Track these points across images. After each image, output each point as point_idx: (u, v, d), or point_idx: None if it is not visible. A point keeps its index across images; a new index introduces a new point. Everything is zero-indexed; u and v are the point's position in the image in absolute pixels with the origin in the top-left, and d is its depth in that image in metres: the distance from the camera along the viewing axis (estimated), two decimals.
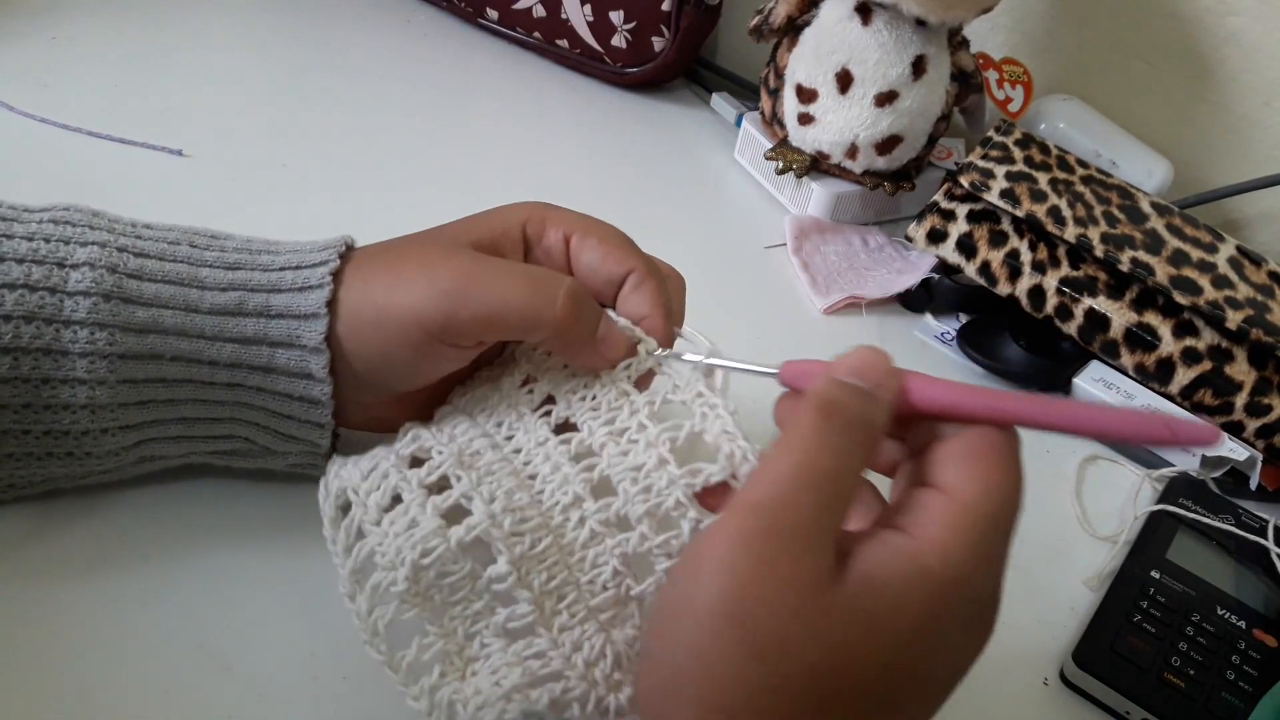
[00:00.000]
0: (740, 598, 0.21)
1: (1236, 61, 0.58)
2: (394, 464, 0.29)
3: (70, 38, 0.60)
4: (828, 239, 0.58)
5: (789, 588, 0.21)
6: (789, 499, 0.22)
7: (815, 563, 0.22)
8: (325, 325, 0.30)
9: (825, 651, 0.21)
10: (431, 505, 0.28)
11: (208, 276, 0.30)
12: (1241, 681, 0.35)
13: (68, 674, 0.28)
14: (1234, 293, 0.48)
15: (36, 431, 0.29)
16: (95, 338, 0.28)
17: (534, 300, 0.29)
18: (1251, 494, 0.46)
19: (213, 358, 0.29)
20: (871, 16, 0.53)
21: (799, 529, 0.22)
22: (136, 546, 0.32)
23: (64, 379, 0.28)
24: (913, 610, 0.22)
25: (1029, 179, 0.52)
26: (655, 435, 0.28)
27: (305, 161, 0.54)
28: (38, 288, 0.28)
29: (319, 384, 0.30)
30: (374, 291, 0.30)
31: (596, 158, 0.63)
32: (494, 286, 0.29)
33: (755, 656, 0.21)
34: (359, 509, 0.28)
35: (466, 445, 0.29)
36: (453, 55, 0.70)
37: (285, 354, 0.30)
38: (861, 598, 0.22)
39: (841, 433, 0.23)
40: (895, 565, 0.22)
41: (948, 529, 0.22)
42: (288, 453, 0.32)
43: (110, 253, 0.29)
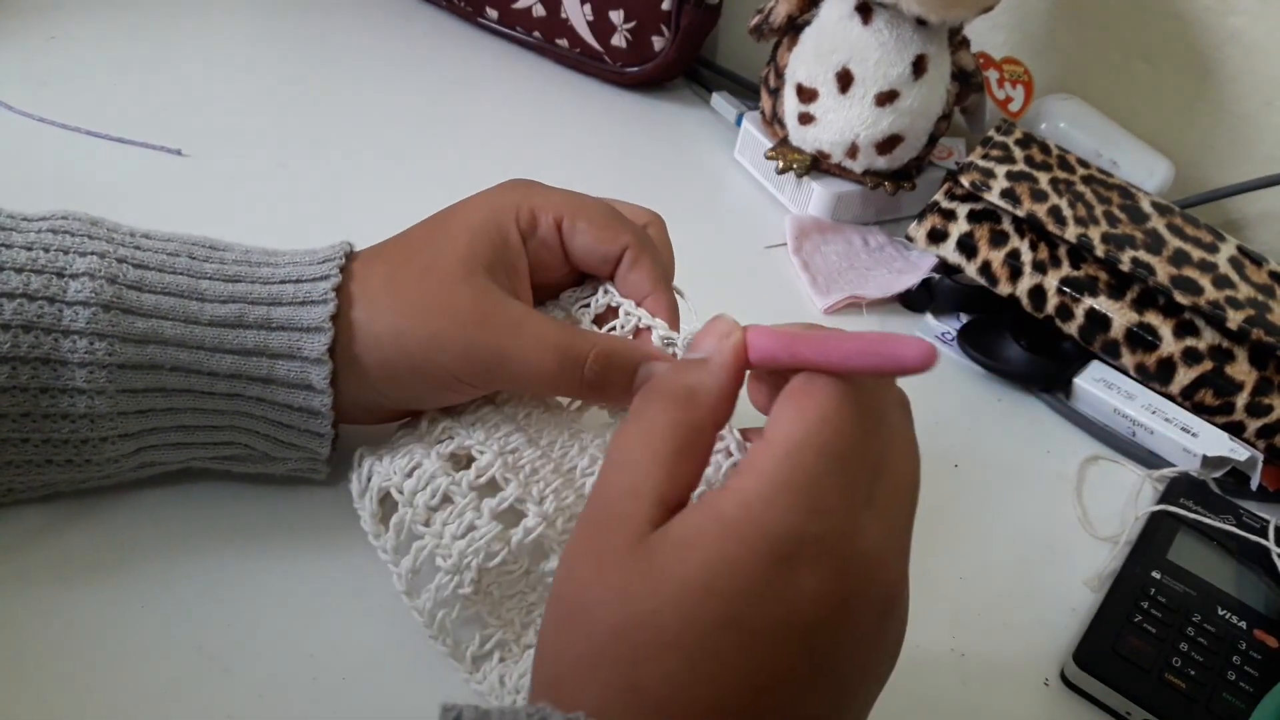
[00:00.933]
0: (566, 580, 0.23)
1: (1238, 61, 0.58)
2: (439, 465, 0.30)
3: (69, 37, 0.60)
4: (828, 239, 0.58)
5: (593, 559, 0.22)
6: (604, 485, 0.23)
7: (619, 533, 0.22)
8: (329, 339, 0.30)
9: (622, 607, 0.21)
10: (488, 510, 0.29)
11: (208, 289, 0.30)
12: (1242, 682, 0.35)
13: (67, 675, 0.28)
14: (1235, 293, 0.47)
15: (36, 440, 0.29)
16: (95, 348, 0.28)
17: (561, 375, 0.30)
18: (1252, 494, 0.46)
19: (212, 369, 0.29)
20: (872, 16, 0.53)
21: (609, 510, 0.23)
22: (136, 548, 0.32)
23: (63, 388, 0.28)
24: (699, 553, 0.21)
25: (1030, 179, 0.52)
26: None
27: (304, 161, 0.54)
28: (37, 297, 0.28)
29: (319, 395, 0.30)
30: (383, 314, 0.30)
31: (596, 157, 0.63)
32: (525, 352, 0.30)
33: (565, 625, 0.22)
34: (406, 509, 0.29)
35: (505, 444, 0.30)
36: (452, 55, 0.70)
37: (285, 365, 0.30)
38: (655, 552, 0.21)
39: (658, 410, 0.24)
40: (693, 517, 0.22)
41: (748, 474, 0.22)
42: (287, 459, 0.32)
43: (110, 263, 0.29)
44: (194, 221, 0.32)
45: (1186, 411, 0.48)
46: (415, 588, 0.29)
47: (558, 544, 0.29)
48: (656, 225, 0.35)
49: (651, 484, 0.23)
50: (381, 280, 0.31)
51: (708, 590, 0.21)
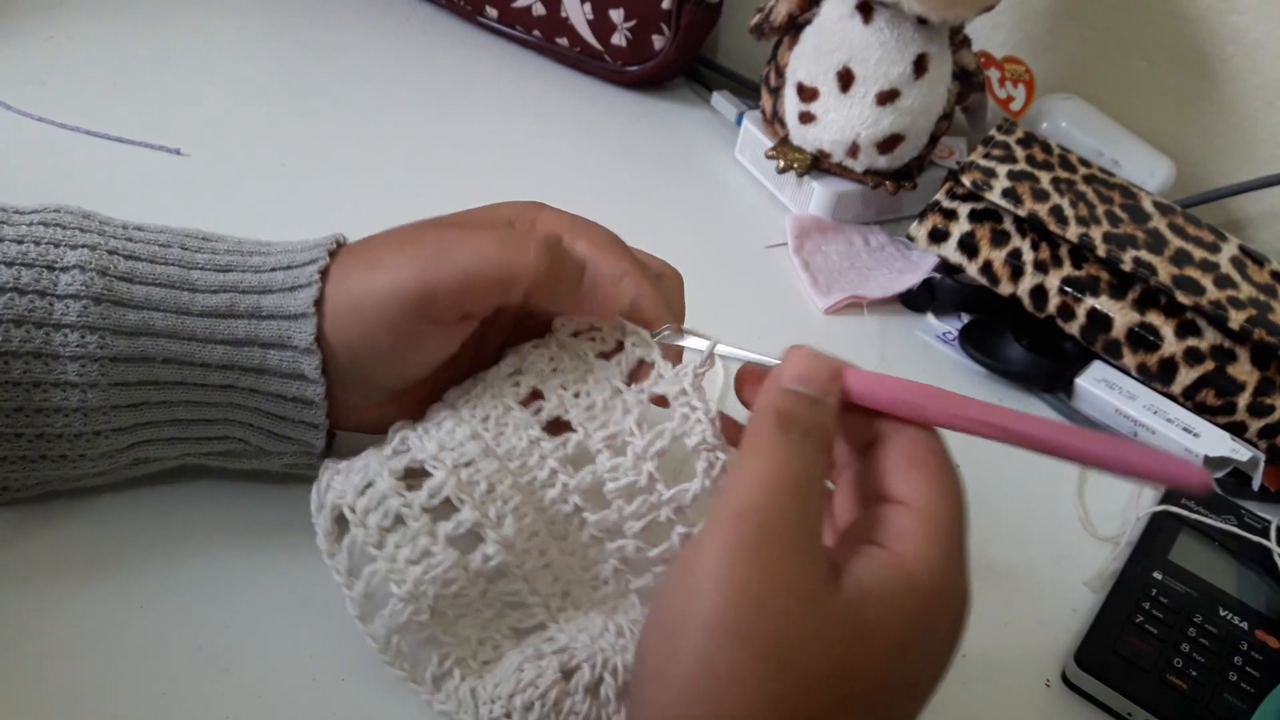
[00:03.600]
0: (743, 605, 0.21)
1: (1239, 60, 0.58)
2: (390, 484, 0.28)
3: (68, 36, 0.60)
4: (829, 238, 0.57)
5: (789, 591, 0.22)
6: (774, 503, 0.23)
7: (811, 567, 0.22)
8: (314, 325, 0.29)
9: (828, 656, 0.21)
10: (443, 536, 0.28)
11: (199, 279, 0.29)
12: (1243, 683, 0.35)
13: (66, 675, 0.28)
14: (1236, 292, 0.47)
15: (29, 435, 0.28)
16: (86, 341, 0.28)
17: (505, 250, 0.28)
18: (1254, 495, 0.46)
19: (205, 359, 0.29)
20: (873, 15, 0.53)
21: (788, 532, 0.22)
22: (135, 548, 0.32)
23: (55, 382, 0.28)
24: (904, 618, 0.23)
25: (1031, 178, 0.51)
26: (643, 448, 0.28)
27: (303, 160, 0.54)
28: (27, 291, 0.27)
29: (311, 384, 0.30)
30: (351, 281, 0.30)
31: (596, 157, 0.63)
32: (466, 247, 0.28)
33: (763, 662, 0.21)
34: (359, 530, 0.28)
35: (460, 456, 0.29)
36: (452, 54, 0.70)
37: (277, 355, 0.30)
38: (858, 605, 0.22)
39: (804, 440, 0.24)
40: (885, 576, 0.23)
41: (922, 541, 0.24)
42: (282, 453, 0.32)
43: (101, 255, 0.28)
44: (193, 221, 0.32)
45: (1188, 412, 0.47)
46: (368, 612, 0.28)
47: (516, 565, 0.28)
48: (672, 276, 0.34)
49: (820, 516, 0.24)
50: (352, 252, 0.31)
51: (903, 653, 0.23)
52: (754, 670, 0.21)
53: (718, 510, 0.23)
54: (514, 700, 0.27)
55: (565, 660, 0.27)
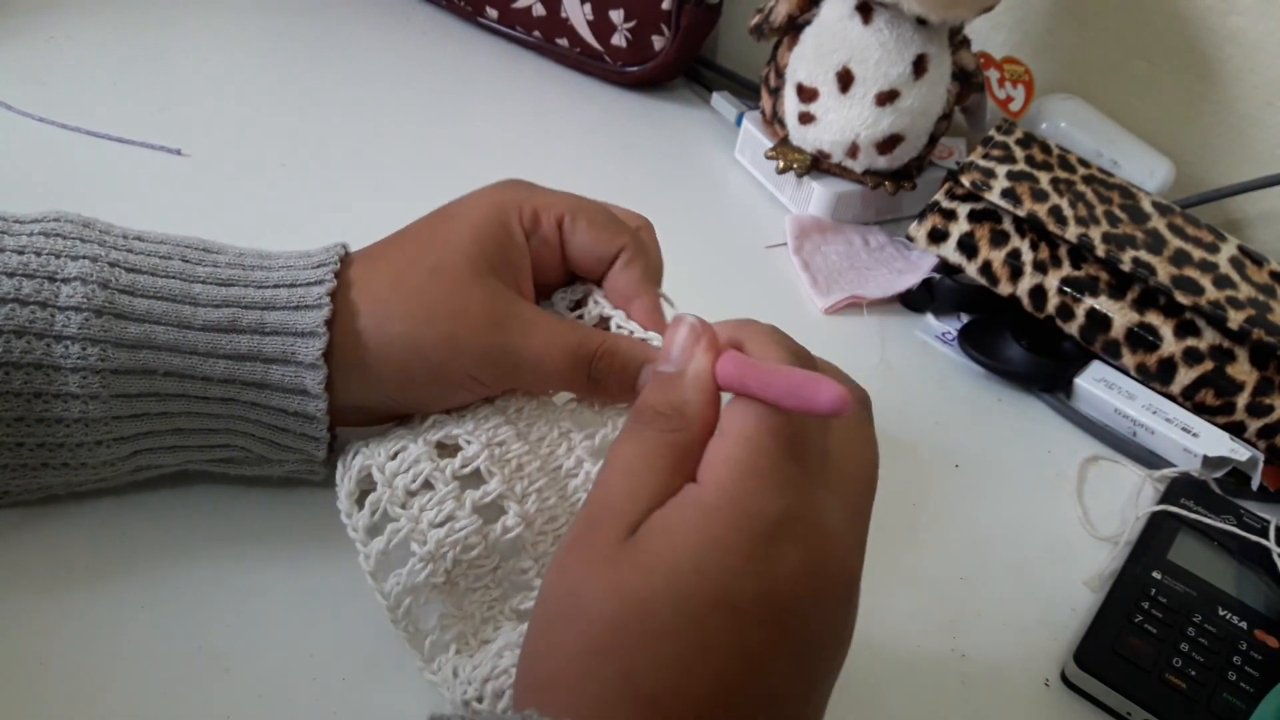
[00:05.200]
0: (557, 580, 0.23)
1: (1238, 61, 0.58)
2: (424, 450, 0.30)
3: (68, 36, 0.60)
4: (828, 238, 0.58)
5: (586, 557, 0.23)
6: (600, 490, 0.24)
7: (614, 533, 0.23)
8: (324, 343, 0.29)
9: (616, 600, 0.22)
10: (470, 502, 0.29)
11: (200, 293, 0.29)
12: (1243, 682, 0.35)
13: (66, 675, 0.28)
14: (1236, 292, 0.47)
15: (30, 444, 0.29)
16: (87, 353, 0.28)
17: (572, 373, 0.30)
18: (1253, 494, 0.46)
19: (206, 374, 0.29)
20: (872, 15, 0.53)
21: (603, 511, 0.23)
22: (135, 548, 0.32)
23: (56, 393, 0.28)
24: (686, 539, 0.22)
25: (1030, 178, 0.51)
26: None
27: (304, 160, 0.54)
28: (28, 302, 0.27)
29: (314, 400, 0.30)
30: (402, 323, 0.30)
31: (596, 157, 0.63)
32: (538, 354, 0.30)
33: (562, 621, 0.22)
34: (384, 489, 0.29)
35: (494, 435, 0.30)
36: (452, 54, 0.70)
37: (280, 370, 0.30)
38: (643, 544, 0.22)
39: (647, 425, 0.25)
40: (676, 509, 0.23)
41: (720, 465, 0.23)
42: (284, 461, 0.32)
43: (102, 267, 0.28)
44: (193, 221, 0.32)
45: (1187, 411, 0.47)
46: (382, 570, 0.28)
47: (532, 544, 0.29)
48: (647, 229, 0.35)
49: (647, 491, 0.23)
50: (387, 282, 0.31)
51: (697, 572, 0.21)
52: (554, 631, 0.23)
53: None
54: (487, 685, 0.27)
55: None
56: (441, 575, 0.28)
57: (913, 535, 0.40)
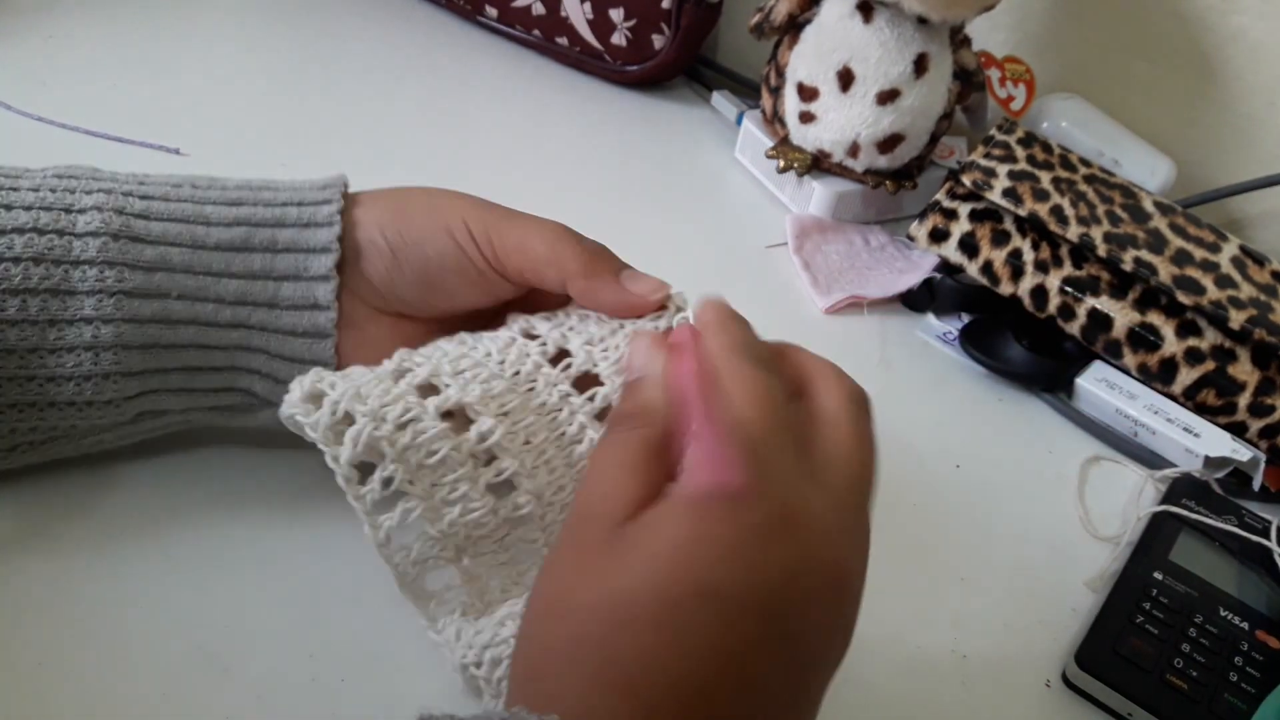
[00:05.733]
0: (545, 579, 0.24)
1: (1240, 60, 0.58)
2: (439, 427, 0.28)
3: (68, 36, 0.60)
4: (829, 238, 0.57)
5: (573, 553, 0.24)
6: (583, 493, 0.25)
7: (596, 527, 0.23)
8: (335, 258, 0.31)
9: (599, 590, 0.22)
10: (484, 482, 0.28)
11: (212, 213, 0.31)
12: (1244, 683, 0.35)
13: (65, 676, 0.28)
14: (1237, 292, 0.47)
15: (40, 377, 0.29)
16: (104, 275, 0.29)
17: (563, 239, 0.31)
18: (1255, 495, 0.46)
19: (218, 294, 0.30)
20: (873, 14, 0.53)
21: (586, 511, 0.24)
22: (135, 548, 0.32)
23: (71, 319, 0.29)
24: (668, 532, 0.22)
25: (1031, 178, 0.51)
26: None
27: (303, 160, 0.54)
28: (46, 230, 0.28)
29: (325, 312, 0.31)
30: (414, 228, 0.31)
31: (596, 156, 0.63)
32: (532, 226, 0.31)
33: (550, 617, 0.23)
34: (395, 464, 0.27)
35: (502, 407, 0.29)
36: (451, 53, 0.70)
37: (290, 287, 0.31)
38: (628, 539, 0.23)
39: (623, 431, 0.26)
40: (660, 504, 0.23)
41: (694, 461, 0.24)
42: None
43: (116, 197, 0.30)
44: None
45: (1189, 412, 0.47)
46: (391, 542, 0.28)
47: (540, 516, 0.29)
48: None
49: (627, 490, 0.24)
50: (402, 192, 0.33)
51: (679, 563, 0.22)
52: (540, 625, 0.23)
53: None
54: (486, 652, 0.27)
55: None
56: (451, 551, 0.28)
57: (913, 535, 0.40)
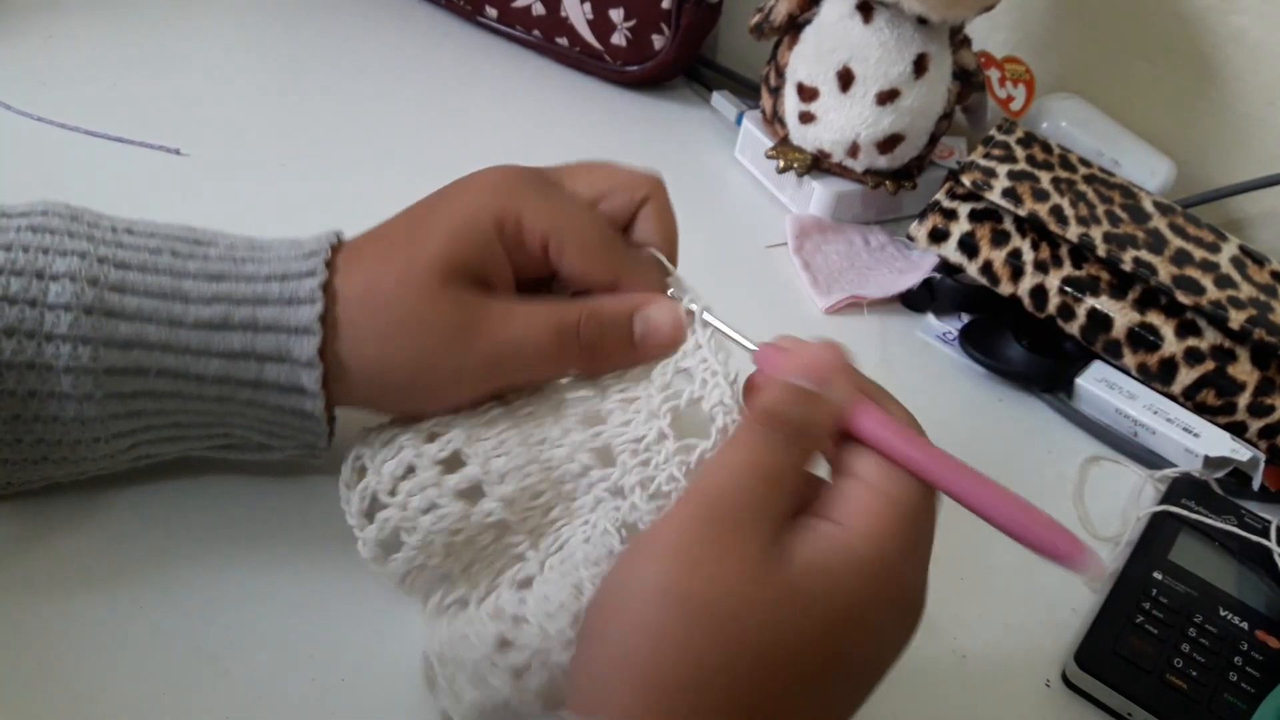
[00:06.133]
0: (691, 574, 0.22)
1: (1240, 60, 0.58)
2: (411, 436, 0.30)
3: (67, 36, 0.60)
4: (829, 238, 0.57)
5: (735, 566, 0.22)
6: (739, 487, 0.24)
7: (759, 544, 0.23)
8: (318, 341, 0.29)
9: (768, 628, 0.22)
10: (450, 489, 0.28)
11: (191, 289, 0.29)
12: (1244, 683, 0.35)
13: (65, 677, 0.28)
14: (1237, 292, 0.47)
15: (29, 440, 0.28)
16: (79, 353, 0.27)
17: (561, 348, 0.29)
18: (1254, 495, 0.46)
19: (200, 372, 0.29)
20: (873, 14, 0.53)
21: (744, 513, 0.23)
22: (135, 549, 0.32)
23: (50, 392, 0.28)
24: (846, 593, 0.23)
25: (1031, 178, 0.51)
26: (658, 405, 0.29)
27: (303, 160, 0.54)
28: (17, 300, 0.27)
29: (310, 398, 0.29)
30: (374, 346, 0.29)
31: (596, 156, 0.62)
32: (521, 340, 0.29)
33: (702, 632, 0.22)
34: (373, 476, 0.29)
35: (481, 416, 0.30)
36: (451, 53, 0.70)
37: (275, 368, 0.29)
38: (801, 580, 0.23)
39: (785, 437, 0.25)
40: (831, 552, 0.23)
41: (875, 519, 0.24)
42: (284, 448, 0.32)
43: (91, 264, 0.28)
44: (193, 221, 0.32)
45: (1188, 412, 0.47)
46: (382, 553, 0.29)
47: (517, 524, 0.29)
48: (658, 194, 0.34)
49: (781, 506, 0.24)
50: (360, 293, 0.29)
51: (844, 628, 0.23)
52: (693, 638, 0.22)
53: (687, 490, 0.25)
54: (447, 647, 0.27)
55: (506, 632, 0.27)
56: (437, 557, 0.28)
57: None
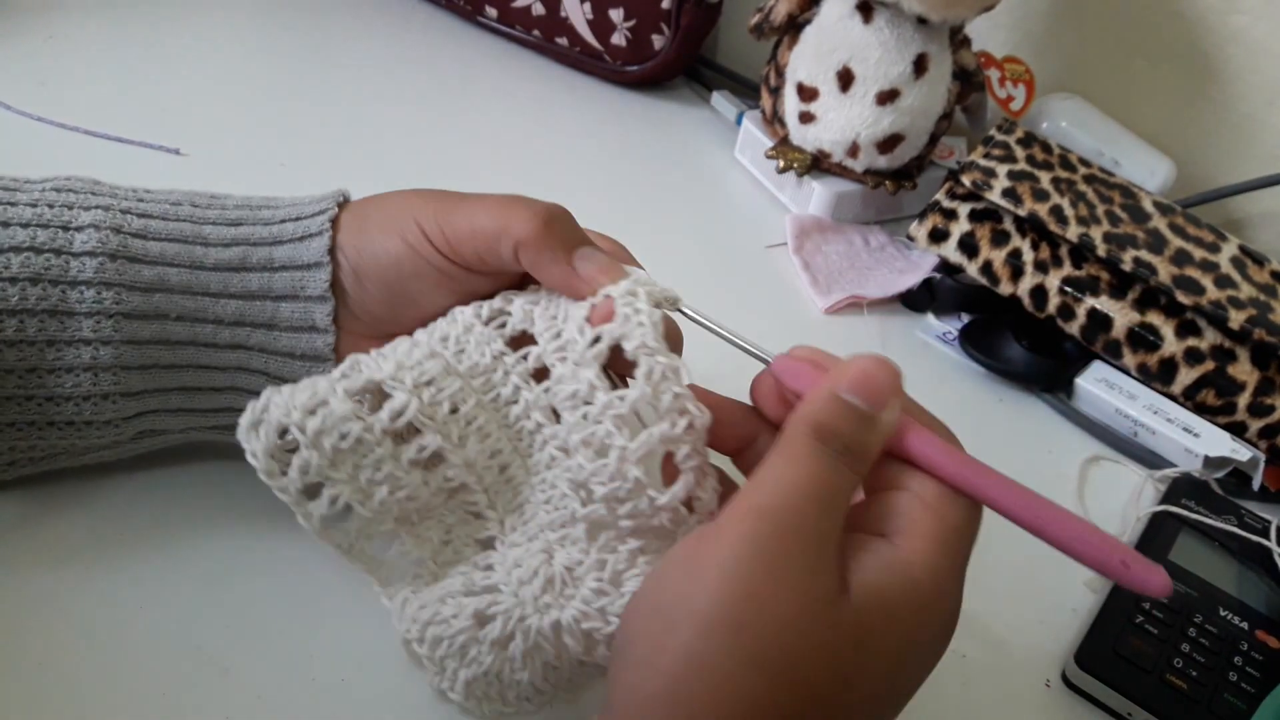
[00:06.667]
0: (746, 606, 0.21)
1: (1240, 60, 0.58)
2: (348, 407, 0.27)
3: (67, 36, 0.60)
4: (829, 238, 0.57)
5: (797, 601, 0.21)
6: (796, 509, 0.22)
7: (823, 577, 0.22)
8: (329, 274, 0.30)
9: (828, 666, 0.21)
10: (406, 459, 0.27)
11: (210, 233, 0.30)
12: (1244, 683, 0.35)
13: (65, 676, 0.28)
14: (1237, 292, 0.47)
15: (39, 397, 0.29)
16: (102, 296, 0.28)
17: (512, 205, 0.29)
18: (1254, 495, 0.46)
19: (217, 315, 0.30)
20: (873, 14, 0.53)
21: (807, 540, 0.22)
22: (134, 549, 0.32)
23: (69, 340, 0.28)
24: (905, 624, 0.22)
25: (1031, 178, 0.51)
26: (580, 352, 0.27)
27: (303, 160, 0.54)
28: (43, 250, 0.28)
29: (322, 335, 0.31)
30: (369, 226, 0.30)
31: (596, 156, 0.63)
32: (475, 200, 0.29)
33: (759, 670, 0.20)
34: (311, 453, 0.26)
35: (420, 376, 0.28)
36: (452, 54, 0.70)
37: (289, 307, 0.30)
38: (863, 613, 0.22)
39: (839, 455, 0.23)
40: (890, 578, 0.22)
41: (930, 540, 0.23)
42: None
43: (114, 214, 0.29)
44: None
45: (1188, 412, 0.47)
46: (328, 526, 0.27)
47: (478, 485, 0.28)
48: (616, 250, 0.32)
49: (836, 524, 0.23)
50: (361, 205, 0.32)
51: (902, 660, 0.23)
52: (748, 678, 0.20)
53: (737, 503, 0.23)
54: (428, 630, 0.26)
55: (484, 605, 0.26)
56: (390, 524, 0.27)
57: None
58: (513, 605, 0.26)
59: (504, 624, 0.26)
